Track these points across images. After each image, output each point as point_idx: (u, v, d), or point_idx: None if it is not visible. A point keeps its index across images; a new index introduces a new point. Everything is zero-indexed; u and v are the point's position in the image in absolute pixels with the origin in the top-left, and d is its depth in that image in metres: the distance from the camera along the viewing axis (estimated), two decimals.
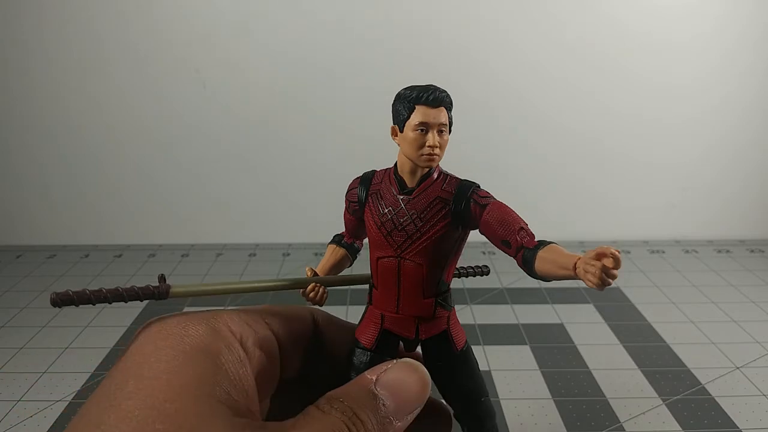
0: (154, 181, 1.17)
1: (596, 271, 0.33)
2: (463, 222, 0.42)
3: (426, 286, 0.43)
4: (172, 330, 0.33)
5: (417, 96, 0.41)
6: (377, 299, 0.44)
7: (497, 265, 1.04)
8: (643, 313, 0.88)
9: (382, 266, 0.43)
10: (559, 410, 0.66)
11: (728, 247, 1.15)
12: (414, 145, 0.41)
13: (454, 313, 0.46)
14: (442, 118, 0.41)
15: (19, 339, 0.82)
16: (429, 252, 0.42)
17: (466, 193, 0.42)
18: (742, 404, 0.66)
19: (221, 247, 1.16)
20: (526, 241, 0.40)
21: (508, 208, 0.41)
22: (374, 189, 0.44)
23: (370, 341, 0.44)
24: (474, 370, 0.46)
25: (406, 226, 0.42)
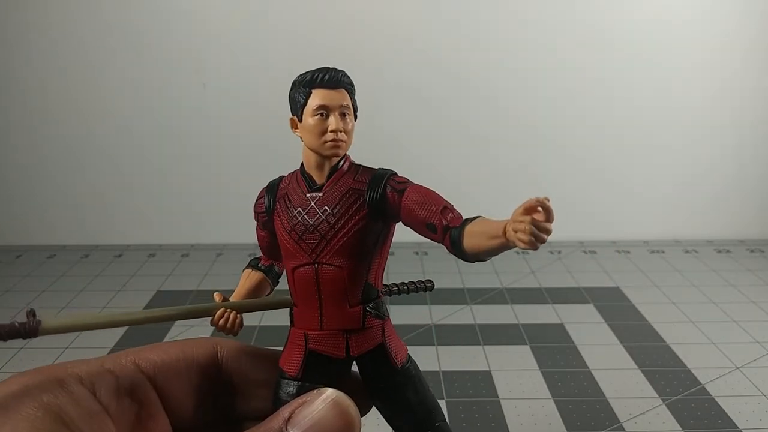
0: (155, 181, 1.17)
1: (525, 227, 0.29)
2: (381, 212, 0.38)
3: (350, 293, 0.38)
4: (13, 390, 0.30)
5: (312, 79, 0.38)
6: (298, 318, 0.39)
7: (497, 265, 1.04)
8: (643, 313, 0.88)
9: (299, 277, 0.38)
10: (559, 410, 0.66)
11: (728, 247, 1.15)
12: (315, 132, 0.37)
13: (389, 324, 0.40)
14: (344, 100, 0.38)
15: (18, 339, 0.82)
16: (348, 251, 0.37)
17: (381, 181, 0.38)
18: (742, 404, 0.66)
19: (221, 247, 1.16)
20: (451, 220, 0.35)
21: (428, 190, 0.37)
22: (281, 194, 0.40)
23: (295, 368, 0.38)
24: (422, 389, 0.40)
25: (318, 225, 0.38)
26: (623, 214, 1.19)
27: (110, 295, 0.95)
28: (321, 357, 0.38)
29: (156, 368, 0.36)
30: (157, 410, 0.36)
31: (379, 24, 1.08)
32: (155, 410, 0.35)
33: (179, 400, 0.37)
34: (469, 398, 0.68)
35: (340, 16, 1.08)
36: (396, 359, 0.39)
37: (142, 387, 0.35)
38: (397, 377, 0.39)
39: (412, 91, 1.10)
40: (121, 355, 0.36)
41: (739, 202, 1.18)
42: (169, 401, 0.37)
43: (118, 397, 0.33)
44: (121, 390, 0.34)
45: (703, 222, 1.19)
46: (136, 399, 0.34)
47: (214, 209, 1.18)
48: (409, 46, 1.08)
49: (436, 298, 0.92)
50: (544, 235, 0.29)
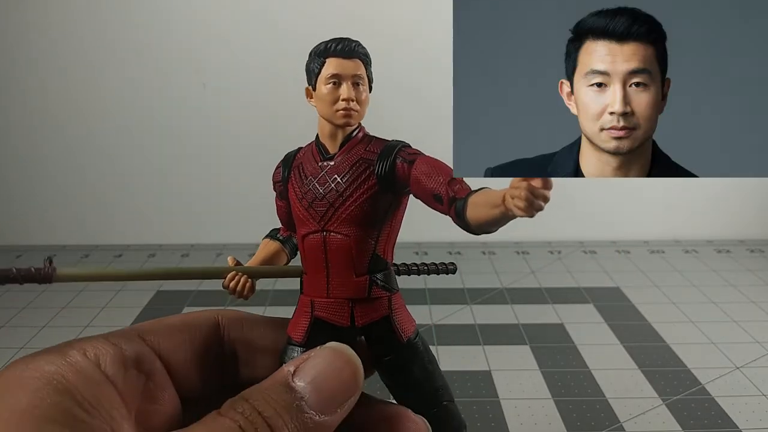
0: (155, 181, 1.17)
1: (522, 192, 0.29)
2: (391, 184, 0.38)
3: (357, 262, 0.38)
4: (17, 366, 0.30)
5: (326, 48, 0.39)
6: (307, 285, 0.40)
7: (497, 265, 1.04)
8: (643, 313, 0.88)
9: (308, 244, 0.39)
10: (559, 410, 0.66)
11: (728, 247, 1.15)
12: (328, 100, 0.38)
13: (398, 297, 0.40)
14: (357, 70, 0.38)
15: (19, 339, 0.82)
16: (354, 220, 0.38)
17: (392, 152, 0.38)
18: (742, 404, 0.66)
19: (221, 247, 1.16)
20: (458, 191, 0.35)
21: (438, 161, 0.37)
22: (297, 163, 0.41)
23: (301, 334, 0.39)
24: (429, 366, 0.40)
25: (327, 194, 0.38)
26: (623, 214, 1.19)
27: (110, 295, 0.95)
28: (326, 325, 0.39)
29: (160, 340, 0.37)
30: (164, 380, 0.36)
31: (379, 24, 1.08)
32: (162, 380, 0.36)
33: (185, 370, 0.37)
34: (469, 398, 0.68)
35: (340, 15, 1.07)
36: (402, 332, 0.39)
37: (148, 358, 0.35)
38: (402, 351, 0.39)
39: (413, 91, 1.10)
40: (125, 330, 0.37)
41: (739, 202, 1.18)
42: (175, 372, 0.37)
43: (125, 368, 0.33)
44: (127, 362, 0.33)
45: (703, 222, 1.19)
46: (143, 370, 0.35)
47: (214, 209, 1.18)
48: (410, 45, 1.08)
49: (436, 298, 0.92)
50: (541, 201, 0.29)
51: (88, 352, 0.33)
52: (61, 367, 0.30)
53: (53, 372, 0.30)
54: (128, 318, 0.87)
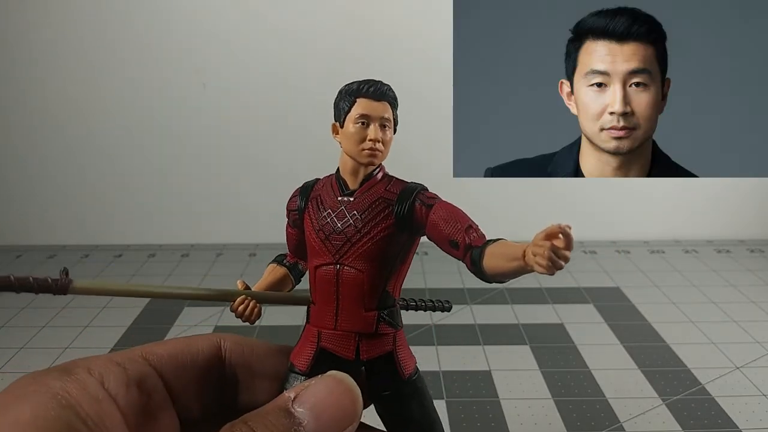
0: (155, 181, 1.17)
1: (545, 251, 0.29)
2: (408, 225, 0.39)
3: (367, 297, 0.39)
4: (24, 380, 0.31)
5: (358, 89, 0.40)
6: (315, 315, 0.40)
7: None
8: (643, 313, 0.88)
9: (320, 276, 0.40)
10: (559, 410, 0.66)
11: (728, 247, 1.15)
12: (354, 139, 0.39)
13: (402, 334, 0.41)
14: (385, 113, 0.39)
15: (19, 339, 0.82)
16: (370, 256, 0.39)
17: (412, 194, 0.39)
18: (742, 404, 0.66)
19: (221, 247, 1.16)
20: (474, 240, 0.36)
21: (456, 208, 0.39)
22: (314, 194, 0.42)
23: (305, 363, 0.39)
24: (426, 403, 0.41)
25: (345, 228, 0.39)
26: (623, 214, 1.19)
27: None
28: (331, 356, 0.39)
29: (163, 361, 0.37)
30: (165, 401, 0.36)
31: (379, 24, 1.08)
32: (163, 401, 0.36)
33: (186, 392, 0.38)
34: (469, 398, 0.68)
35: (341, 16, 1.07)
36: (404, 370, 0.40)
37: (150, 379, 0.36)
38: (402, 387, 0.40)
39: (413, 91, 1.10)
40: (129, 351, 0.37)
41: (739, 202, 1.18)
42: (177, 393, 0.37)
43: (127, 387, 0.34)
44: (130, 381, 0.34)
45: (703, 222, 1.19)
46: (145, 390, 0.35)
47: (214, 209, 1.18)
48: (410, 45, 1.08)
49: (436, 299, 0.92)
50: (562, 261, 0.30)
51: (92, 370, 0.33)
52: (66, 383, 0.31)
53: (58, 387, 0.30)
54: (129, 318, 0.87)
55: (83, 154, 1.15)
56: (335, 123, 0.41)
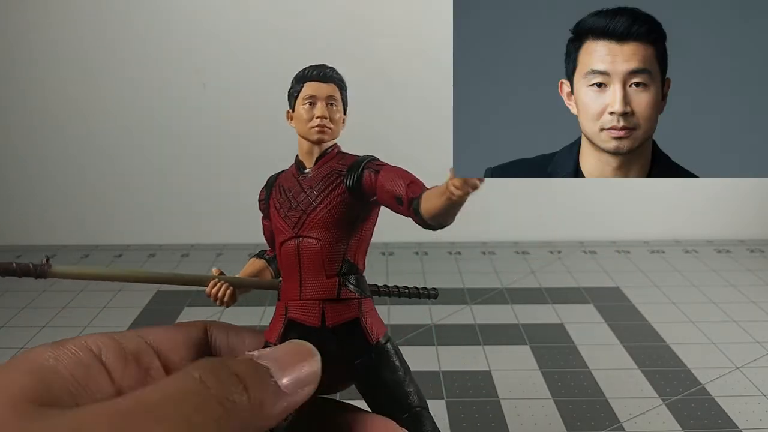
0: (155, 181, 1.17)
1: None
2: (359, 193, 0.41)
3: (327, 264, 0.41)
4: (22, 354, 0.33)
5: (304, 74, 0.43)
6: (283, 291, 0.43)
7: (497, 265, 1.04)
8: (643, 313, 0.88)
9: (284, 251, 0.42)
10: (559, 410, 0.66)
11: (728, 247, 1.15)
12: (304, 118, 0.42)
13: (369, 303, 0.42)
14: (332, 92, 0.42)
15: (19, 339, 0.82)
16: (325, 225, 0.41)
17: (361, 164, 0.41)
18: (742, 404, 0.66)
19: (221, 247, 1.16)
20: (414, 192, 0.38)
21: (402, 169, 0.40)
22: (278, 182, 0.45)
23: (275, 336, 0.41)
24: (399, 371, 0.41)
25: (301, 202, 0.42)
26: (623, 214, 1.19)
27: (110, 295, 0.95)
28: (298, 325, 0.41)
29: (158, 340, 0.39)
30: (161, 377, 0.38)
31: (379, 23, 1.08)
32: (160, 377, 0.38)
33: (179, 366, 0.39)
34: (469, 398, 0.68)
35: (341, 16, 1.08)
36: (372, 335, 0.41)
37: (146, 355, 0.38)
38: (372, 353, 0.41)
39: (413, 91, 1.10)
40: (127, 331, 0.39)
41: (739, 202, 1.18)
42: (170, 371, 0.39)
43: (125, 360, 0.35)
44: (127, 355, 0.36)
45: (703, 222, 1.19)
46: (142, 365, 0.37)
47: (214, 209, 1.18)
48: (410, 45, 1.08)
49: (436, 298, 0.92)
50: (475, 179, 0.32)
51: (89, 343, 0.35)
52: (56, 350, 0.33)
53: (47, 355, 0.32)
54: (128, 318, 0.87)
55: (83, 154, 1.15)
56: (288, 110, 0.44)
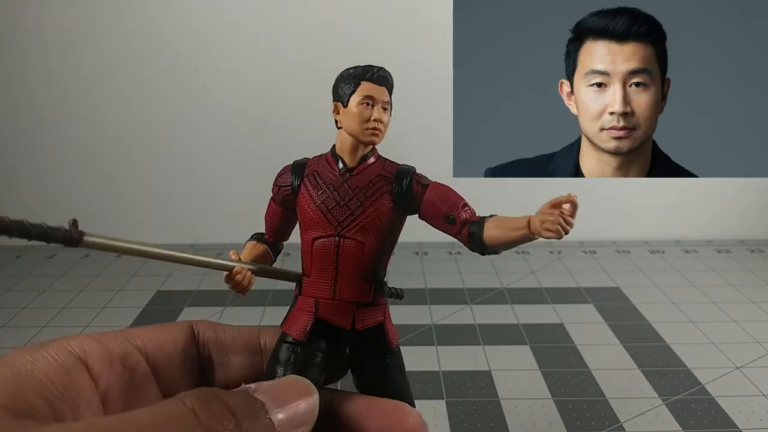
0: (155, 181, 1.17)
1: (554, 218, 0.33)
2: (404, 202, 0.41)
3: (367, 268, 0.41)
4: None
5: (363, 72, 0.42)
6: (309, 287, 0.42)
7: (497, 265, 1.04)
8: (643, 313, 0.88)
9: (319, 247, 0.41)
10: (559, 410, 0.66)
11: (728, 247, 1.15)
12: (359, 118, 0.41)
13: (388, 308, 0.43)
14: (386, 97, 0.42)
15: (19, 339, 0.82)
16: (372, 229, 0.41)
17: (407, 174, 0.42)
18: (742, 404, 0.66)
19: (221, 247, 1.16)
20: (470, 216, 0.39)
21: (449, 187, 0.41)
22: (310, 171, 0.43)
23: (302, 332, 0.40)
24: (404, 375, 0.43)
25: (348, 201, 0.41)
26: (623, 214, 1.19)
27: (110, 295, 0.95)
28: (328, 325, 0.41)
29: (145, 341, 0.39)
30: (148, 379, 0.38)
31: (379, 24, 1.08)
32: (147, 379, 0.38)
33: (169, 368, 0.39)
34: (469, 398, 0.68)
35: (340, 15, 1.07)
36: (391, 339, 0.42)
37: (133, 356, 0.37)
38: (387, 357, 0.42)
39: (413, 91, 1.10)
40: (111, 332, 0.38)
41: (739, 202, 1.18)
42: (160, 370, 0.39)
43: (111, 363, 0.35)
44: (113, 357, 0.35)
45: (703, 222, 1.19)
46: (128, 367, 0.36)
47: (214, 209, 1.18)
48: (410, 44, 1.08)
49: (436, 298, 0.92)
50: (569, 227, 0.33)
51: (73, 346, 0.34)
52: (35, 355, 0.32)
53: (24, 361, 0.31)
54: (128, 318, 0.87)
55: (83, 154, 1.15)
56: (337, 103, 0.43)
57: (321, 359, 0.40)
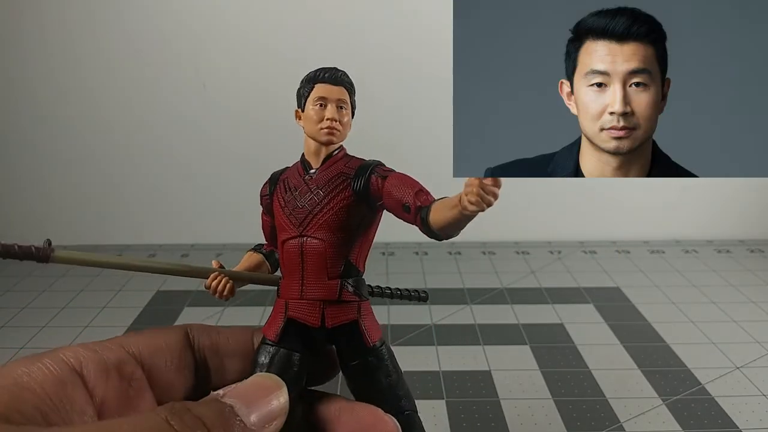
0: (154, 181, 1.17)
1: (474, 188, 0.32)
2: (365, 197, 0.41)
3: (330, 265, 0.41)
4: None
5: (315, 75, 0.43)
6: (283, 288, 0.43)
7: (497, 265, 1.04)
8: (643, 313, 0.88)
9: (287, 249, 0.42)
10: (559, 410, 0.66)
11: (728, 247, 1.15)
12: (314, 119, 0.42)
13: (367, 306, 0.43)
14: (342, 95, 0.43)
15: (19, 339, 0.82)
16: (330, 226, 0.41)
17: (368, 168, 0.42)
18: (742, 404, 0.66)
19: (221, 247, 1.16)
20: (423, 201, 0.38)
21: (408, 176, 0.41)
22: (282, 178, 0.45)
23: (275, 333, 0.41)
24: (393, 373, 0.42)
25: (307, 202, 0.42)
26: (623, 214, 1.19)
27: (110, 295, 0.95)
28: (298, 324, 0.41)
29: (140, 348, 0.39)
30: (143, 386, 0.38)
31: (379, 24, 1.08)
32: (142, 386, 0.38)
33: (164, 375, 0.39)
34: (469, 398, 0.68)
35: (340, 15, 1.07)
36: (369, 337, 0.42)
37: (129, 365, 0.37)
38: (368, 356, 0.42)
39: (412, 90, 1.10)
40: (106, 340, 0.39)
41: (739, 203, 1.18)
42: (155, 378, 0.39)
43: (107, 373, 0.35)
44: (109, 367, 0.36)
45: (703, 222, 1.19)
46: (124, 376, 0.37)
47: (214, 209, 1.18)
48: (410, 44, 1.08)
49: (436, 298, 0.92)
50: (490, 197, 0.32)
51: (68, 356, 0.34)
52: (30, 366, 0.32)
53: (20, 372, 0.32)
54: (128, 318, 0.87)
55: (83, 154, 1.15)
56: (297, 109, 0.44)
57: (298, 358, 0.41)
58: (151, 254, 1.14)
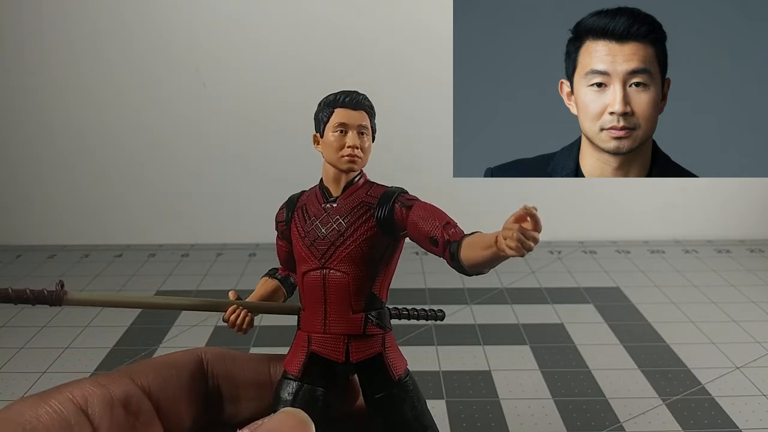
0: (154, 181, 1.17)
1: (513, 233, 0.31)
2: (389, 227, 0.40)
3: (354, 299, 0.40)
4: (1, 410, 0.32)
5: (335, 99, 0.42)
6: (304, 321, 0.41)
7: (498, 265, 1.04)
8: (643, 313, 0.88)
9: (308, 281, 0.41)
10: (559, 410, 0.66)
11: (728, 247, 1.15)
12: (334, 146, 0.41)
13: (391, 337, 0.42)
14: (363, 121, 0.41)
15: (19, 339, 0.82)
16: (354, 259, 0.40)
17: (392, 197, 0.40)
18: (742, 404, 0.66)
19: (221, 247, 1.16)
20: (452, 235, 0.37)
21: (434, 206, 0.40)
22: (300, 204, 0.43)
23: (297, 368, 0.40)
24: (419, 405, 0.42)
25: (329, 233, 0.40)
26: (623, 214, 1.19)
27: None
28: (321, 359, 0.40)
29: (149, 379, 0.38)
30: (152, 420, 0.37)
31: (379, 24, 1.08)
32: (151, 420, 0.37)
33: (173, 407, 0.39)
34: (469, 398, 0.68)
35: (340, 15, 1.07)
36: (394, 371, 0.41)
37: (136, 398, 0.37)
38: (393, 389, 0.41)
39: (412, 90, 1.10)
40: (114, 371, 0.38)
41: (739, 203, 1.18)
42: (165, 410, 0.38)
43: (112, 408, 0.35)
44: (114, 402, 0.35)
45: (703, 222, 1.19)
46: (131, 410, 0.36)
47: (214, 209, 1.18)
48: (409, 44, 1.08)
49: (436, 298, 0.92)
50: (531, 242, 0.31)
51: (75, 395, 0.34)
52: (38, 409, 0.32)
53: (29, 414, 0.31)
54: (128, 318, 0.87)
55: (83, 154, 1.15)
56: (315, 134, 0.43)
57: (322, 393, 0.40)
58: (151, 254, 1.13)
